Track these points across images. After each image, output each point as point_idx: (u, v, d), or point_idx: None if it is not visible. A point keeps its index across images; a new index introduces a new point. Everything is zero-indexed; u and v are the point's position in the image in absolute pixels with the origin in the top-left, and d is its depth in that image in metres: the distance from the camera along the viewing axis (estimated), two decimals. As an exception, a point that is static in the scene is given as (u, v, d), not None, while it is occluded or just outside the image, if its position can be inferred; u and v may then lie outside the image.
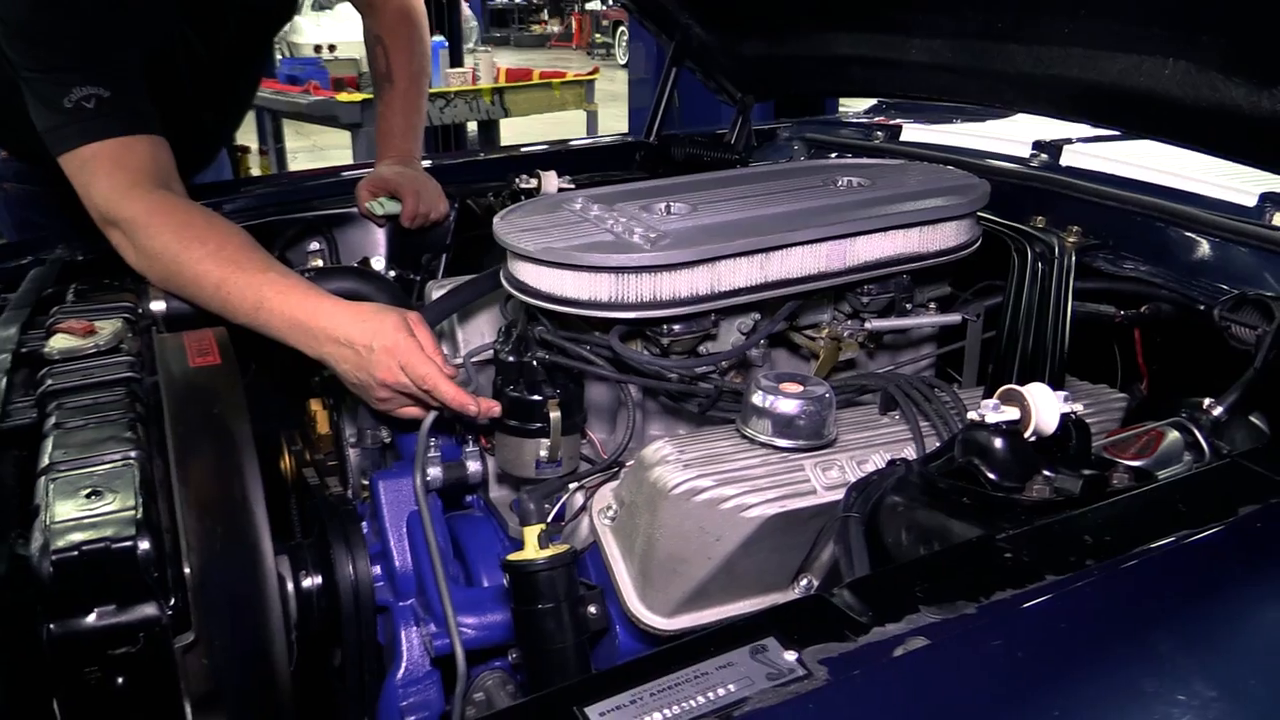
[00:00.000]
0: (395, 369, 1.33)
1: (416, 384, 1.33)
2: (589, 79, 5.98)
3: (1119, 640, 0.68)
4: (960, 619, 0.72)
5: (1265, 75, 1.16)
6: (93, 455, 0.94)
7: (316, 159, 7.91)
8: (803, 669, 0.67)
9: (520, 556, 1.20)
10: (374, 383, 1.36)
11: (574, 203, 1.49)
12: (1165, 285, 1.48)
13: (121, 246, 1.52)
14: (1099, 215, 1.63)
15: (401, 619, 1.37)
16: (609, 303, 1.28)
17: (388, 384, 1.35)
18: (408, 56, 2.10)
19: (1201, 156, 1.51)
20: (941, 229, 1.46)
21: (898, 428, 1.25)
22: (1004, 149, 1.88)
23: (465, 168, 2.27)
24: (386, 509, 1.40)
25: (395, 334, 1.35)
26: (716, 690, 0.66)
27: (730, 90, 2.25)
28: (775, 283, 1.35)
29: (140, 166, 1.54)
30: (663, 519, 1.12)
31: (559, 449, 1.35)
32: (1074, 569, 0.77)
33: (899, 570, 0.82)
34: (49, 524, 0.84)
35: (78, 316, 1.24)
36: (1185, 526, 0.83)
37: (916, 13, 1.65)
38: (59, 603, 0.81)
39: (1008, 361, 1.28)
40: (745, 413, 1.19)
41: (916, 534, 0.95)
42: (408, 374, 1.33)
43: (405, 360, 1.33)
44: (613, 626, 1.25)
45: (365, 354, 1.35)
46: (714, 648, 0.70)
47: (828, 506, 1.14)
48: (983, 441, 0.96)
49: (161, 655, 0.84)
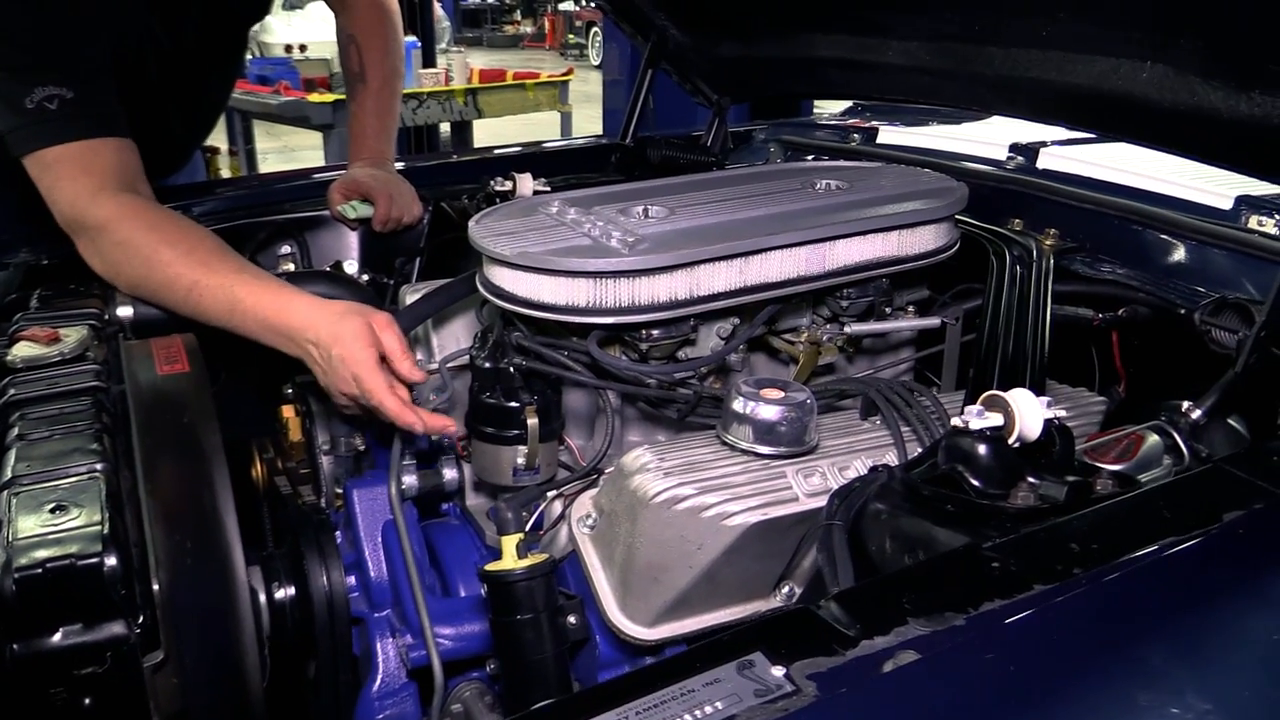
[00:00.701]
0: (349, 379, 1.31)
1: (365, 397, 1.30)
2: (563, 80, 5.95)
3: (1110, 652, 0.67)
4: (949, 631, 0.71)
5: (1243, 79, 1.16)
6: (57, 468, 0.91)
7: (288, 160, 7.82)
8: (791, 685, 0.66)
9: (498, 566, 1.17)
10: (333, 389, 1.34)
11: (550, 206, 1.47)
12: (1143, 288, 1.48)
13: (87, 252, 1.49)
14: (1076, 218, 1.64)
15: (377, 630, 1.34)
16: (587, 308, 1.27)
17: (342, 391, 1.33)
18: (381, 55, 2.07)
19: (1176, 160, 1.52)
20: (920, 232, 1.45)
21: (879, 433, 1.24)
22: (980, 152, 1.88)
23: (439, 170, 2.24)
24: (361, 518, 1.38)
25: (354, 342, 1.31)
26: (704, 708, 0.64)
27: (706, 92, 2.24)
28: (754, 287, 1.34)
29: (106, 169, 1.50)
30: (643, 527, 1.11)
31: (537, 456, 1.33)
32: (1061, 578, 0.77)
33: (886, 581, 0.81)
34: (11, 540, 0.81)
35: (41, 324, 1.20)
36: (1171, 534, 0.83)
37: (894, 14, 1.64)
38: (22, 622, 0.78)
39: (988, 365, 1.27)
40: (726, 419, 1.17)
41: (900, 542, 0.94)
42: (359, 386, 1.30)
43: (357, 371, 1.30)
44: (593, 636, 1.24)
45: (326, 359, 1.32)
46: (700, 664, 0.68)
47: (810, 514, 1.12)
48: (966, 448, 0.95)
49: (130, 675, 0.81)
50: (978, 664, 0.66)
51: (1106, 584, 0.75)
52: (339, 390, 1.33)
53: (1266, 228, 1.41)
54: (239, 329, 1.38)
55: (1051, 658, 0.66)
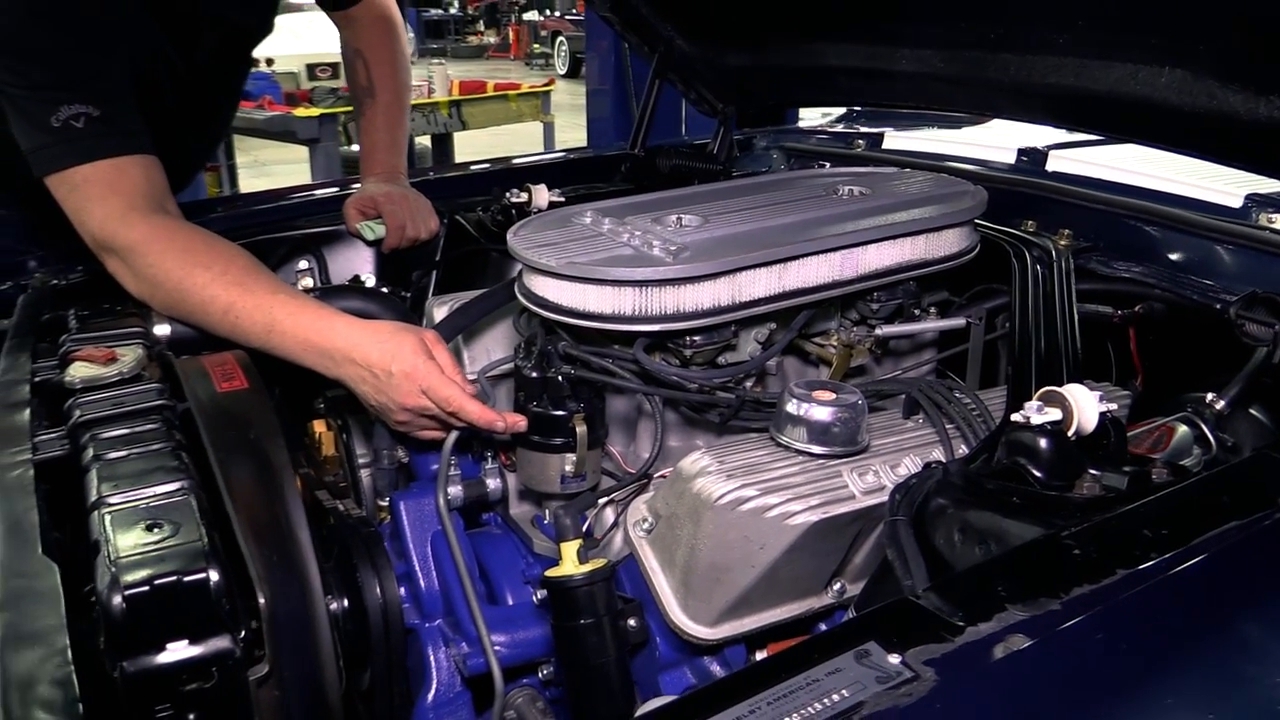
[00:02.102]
0: (416, 393, 1.32)
1: (441, 406, 1.32)
2: (545, 90, 5.97)
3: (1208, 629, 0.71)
4: (1048, 615, 0.74)
5: (1262, 83, 1.21)
6: (143, 487, 0.92)
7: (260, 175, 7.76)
8: (909, 671, 0.69)
9: (559, 572, 1.19)
10: (394, 406, 1.35)
11: (584, 216, 1.50)
12: (1158, 285, 1.53)
13: (120, 273, 1.49)
14: (1087, 219, 1.69)
15: (430, 640, 1.36)
16: (633, 316, 1.29)
17: (408, 407, 1.34)
18: (390, 70, 2.08)
19: (1184, 160, 1.57)
20: (946, 235, 1.49)
21: (923, 431, 1.28)
22: (988, 155, 1.92)
23: (451, 182, 2.25)
24: (409, 529, 1.39)
25: (414, 357, 1.33)
26: (831, 696, 0.67)
27: (711, 101, 2.27)
28: (792, 292, 1.37)
29: (134, 189, 1.50)
30: (707, 529, 1.13)
31: (585, 463, 1.35)
32: (1140, 562, 0.80)
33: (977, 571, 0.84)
34: (114, 559, 0.82)
35: (94, 344, 1.20)
36: (1234, 517, 0.87)
37: (907, 23, 1.68)
38: (132, 640, 0.79)
39: (1024, 363, 1.31)
40: (779, 421, 1.20)
41: (970, 534, 0.97)
42: (431, 397, 1.31)
43: (427, 384, 1.31)
44: (652, 638, 1.26)
45: (384, 378, 1.34)
46: (818, 655, 0.71)
47: (865, 511, 1.16)
48: (1028, 442, 0.99)
49: (235, 689, 0.82)
50: (1089, 644, 0.69)
51: (1187, 567, 0.79)
52: (400, 406, 1.34)
53: (1277, 224, 1.47)
54: (276, 349, 1.39)
55: (1156, 636, 0.70)
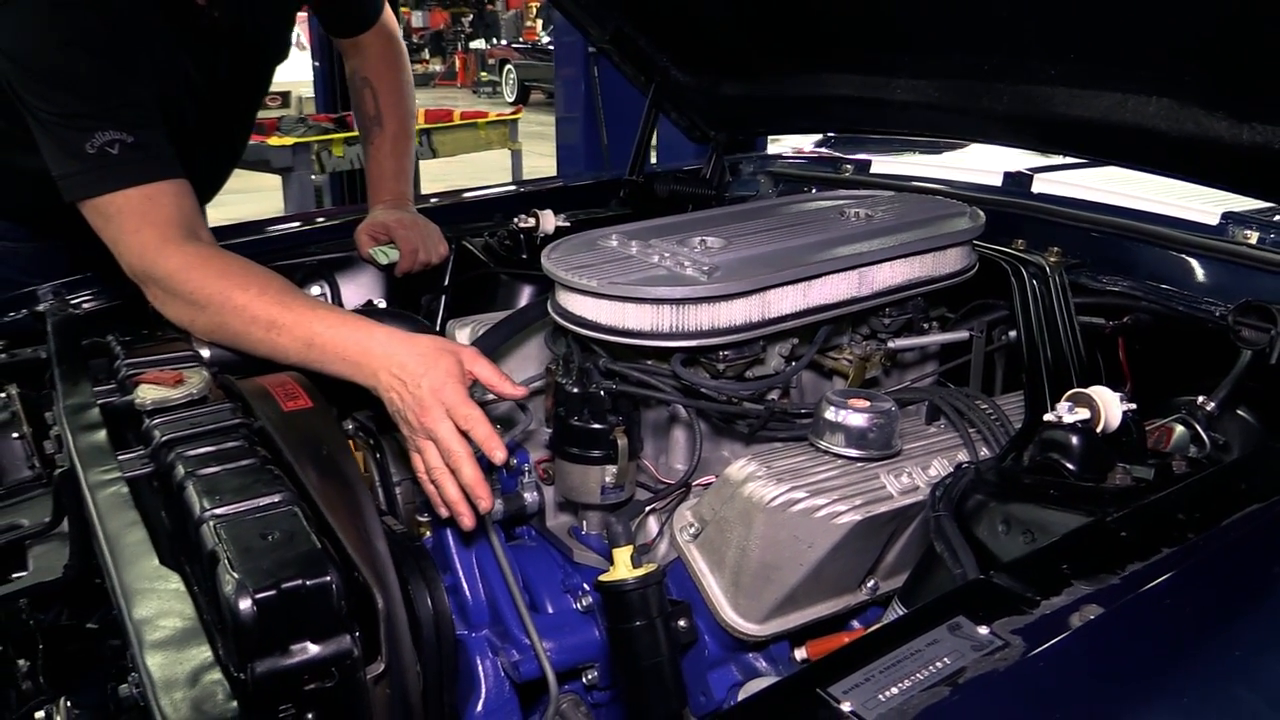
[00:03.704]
0: (437, 407, 1.32)
1: (459, 423, 1.32)
2: (513, 119, 6.05)
3: (1262, 593, 0.79)
4: (1110, 589, 0.82)
5: (1245, 110, 1.33)
6: (246, 499, 0.96)
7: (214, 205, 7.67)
8: (999, 640, 0.76)
9: (613, 577, 1.25)
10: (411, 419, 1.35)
11: (609, 239, 1.57)
12: (1144, 297, 1.65)
13: (159, 302, 1.52)
14: (1074, 237, 1.80)
15: (477, 649, 1.40)
16: (670, 332, 1.36)
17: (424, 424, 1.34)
18: (398, 99, 2.14)
19: (1163, 180, 1.70)
20: (949, 253, 1.59)
21: (946, 435, 1.37)
22: (974, 179, 2.04)
23: (455, 209, 2.31)
24: (454, 542, 1.44)
25: (447, 377, 1.34)
26: (935, 664, 0.74)
27: (704, 129, 2.36)
28: (815, 308, 1.45)
29: (169, 218, 1.54)
30: (758, 530, 1.20)
31: (625, 474, 1.41)
32: (1180, 542, 0.89)
33: (1040, 554, 0.92)
34: (238, 567, 0.86)
35: (153, 367, 1.24)
36: (1254, 501, 0.96)
37: (902, 54, 1.79)
38: (261, 642, 0.84)
39: (1035, 370, 1.41)
40: (818, 428, 1.28)
41: (1014, 525, 1.05)
42: (454, 413, 1.33)
43: (450, 402, 1.32)
44: (700, 638, 1.32)
45: (414, 388, 1.36)
46: (916, 628, 0.78)
47: (902, 510, 1.24)
48: (1062, 439, 1.08)
49: (354, 687, 0.87)
50: (1159, 610, 0.78)
51: (1226, 544, 0.88)
52: (420, 421, 1.38)
53: (1251, 239, 1.59)
54: (315, 364, 1.42)
55: (1217, 600, 0.79)
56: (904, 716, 0.69)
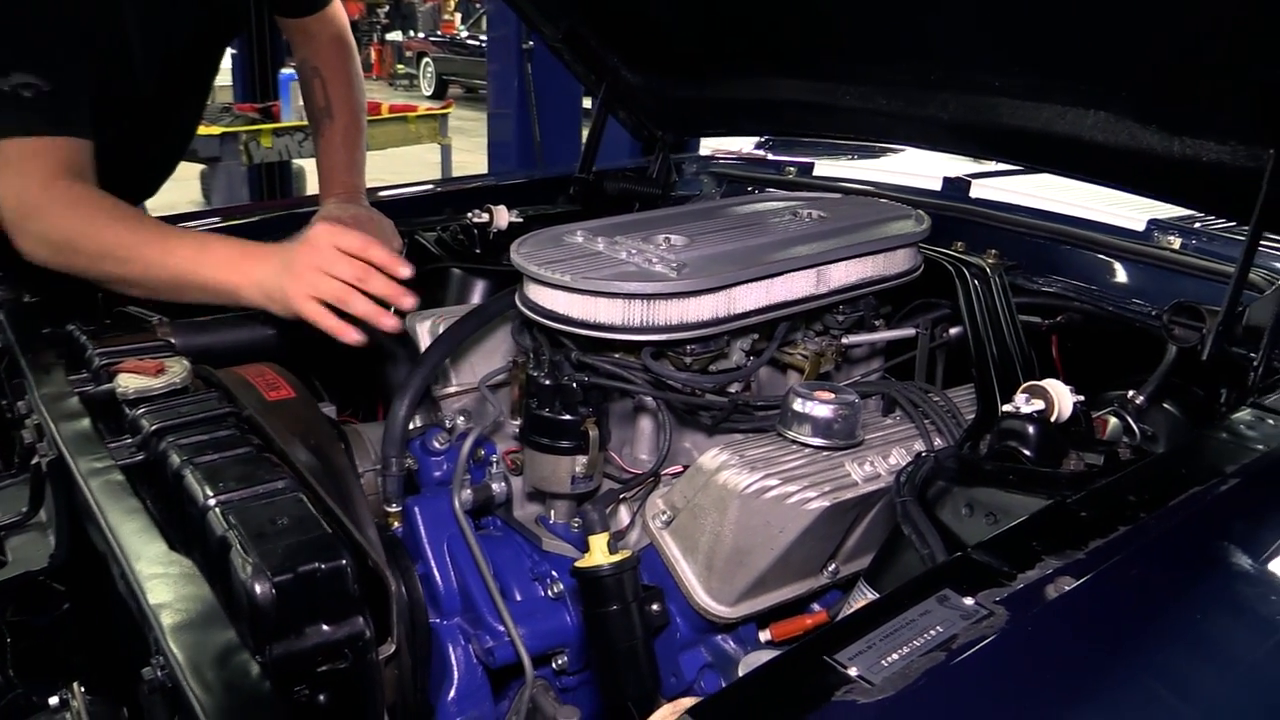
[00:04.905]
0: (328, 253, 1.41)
1: (357, 253, 1.42)
2: (443, 113, 6.00)
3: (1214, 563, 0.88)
4: (1077, 563, 0.90)
5: (1175, 125, 1.44)
6: (248, 486, 0.97)
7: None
8: (984, 609, 0.83)
9: (589, 563, 1.29)
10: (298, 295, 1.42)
11: (575, 235, 1.60)
12: (1076, 297, 1.75)
13: (29, 244, 1.53)
14: (1009, 239, 1.90)
15: (449, 636, 1.43)
16: (640, 326, 1.41)
17: (311, 294, 1.41)
18: (348, 90, 2.13)
19: (1093, 188, 1.81)
20: (899, 254, 1.67)
21: (903, 426, 1.44)
22: (916, 183, 2.13)
23: (406, 202, 2.31)
24: (425, 531, 1.46)
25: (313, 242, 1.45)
26: (929, 632, 0.80)
27: (650, 128, 2.41)
28: (776, 305, 1.51)
29: (59, 163, 1.54)
30: (732, 516, 1.26)
31: (595, 464, 1.45)
32: (1133, 521, 0.97)
33: (1010, 533, 0.99)
34: (253, 551, 0.87)
35: (133, 356, 1.24)
36: (1195, 484, 1.05)
37: (851, 62, 1.86)
38: (278, 626, 0.85)
39: (983, 365, 1.49)
40: (786, 418, 1.34)
41: (978, 508, 1.13)
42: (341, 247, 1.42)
43: (338, 239, 1.43)
44: (672, 620, 1.37)
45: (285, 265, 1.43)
46: (906, 601, 0.84)
47: (865, 497, 1.31)
48: (1019, 429, 1.16)
49: (366, 669, 0.89)
50: (1130, 578, 0.85)
51: (1178, 522, 0.97)
52: (305, 294, 1.42)
53: (1174, 245, 1.71)
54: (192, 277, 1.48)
55: (1180, 571, 0.87)
56: (907, 679, 0.75)
